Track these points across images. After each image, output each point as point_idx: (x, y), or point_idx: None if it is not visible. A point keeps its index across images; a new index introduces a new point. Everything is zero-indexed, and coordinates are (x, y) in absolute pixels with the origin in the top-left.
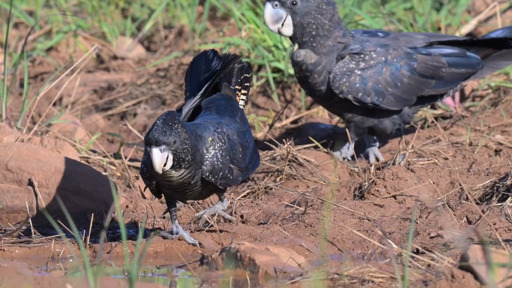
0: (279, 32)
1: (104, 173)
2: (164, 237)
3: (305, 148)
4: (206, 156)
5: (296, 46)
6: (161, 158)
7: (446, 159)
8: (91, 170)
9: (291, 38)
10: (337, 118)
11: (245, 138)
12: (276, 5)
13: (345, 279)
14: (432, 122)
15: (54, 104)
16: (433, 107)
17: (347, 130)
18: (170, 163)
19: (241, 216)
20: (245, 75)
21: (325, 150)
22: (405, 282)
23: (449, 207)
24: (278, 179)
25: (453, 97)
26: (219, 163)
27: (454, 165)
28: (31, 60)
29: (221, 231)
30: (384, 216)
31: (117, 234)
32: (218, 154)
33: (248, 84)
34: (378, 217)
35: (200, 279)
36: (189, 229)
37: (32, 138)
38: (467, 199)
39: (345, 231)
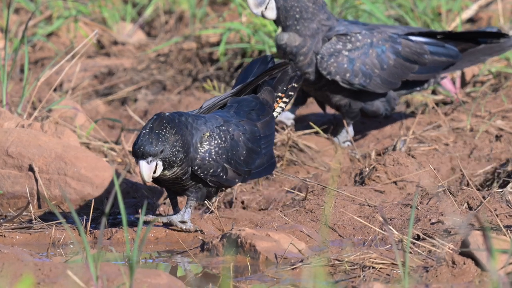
0: (263, 16)
1: (104, 159)
2: (165, 223)
3: (305, 134)
4: (199, 150)
5: (280, 29)
6: (149, 169)
7: (447, 144)
8: (92, 155)
9: (275, 21)
10: None
11: (258, 143)
12: None
13: (346, 265)
14: (433, 107)
15: (55, 90)
16: (433, 93)
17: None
18: (160, 170)
19: (242, 202)
20: (293, 84)
21: (326, 136)
22: (406, 268)
23: (450, 193)
24: (278, 165)
25: (453, 83)
26: (210, 159)
27: (455, 151)
28: (31, 45)
29: (221, 217)
30: (385, 202)
31: (118, 220)
32: (212, 150)
33: (292, 93)
34: (378, 203)
35: (201, 265)
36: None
37: (32, 124)
38: (468, 185)
39: (345, 217)
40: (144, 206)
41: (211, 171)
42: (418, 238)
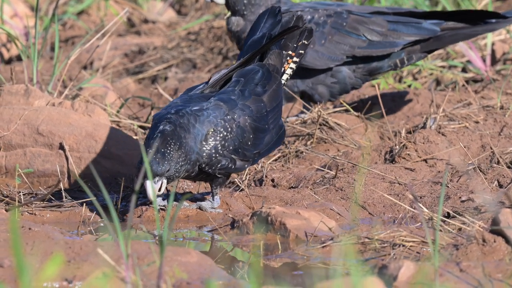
0: (212, 1)
1: (135, 137)
2: (201, 208)
3: (335, 111)
4: (204, 148)
5: (229, 13)
6: (156, 189)
7: (477, 122)
8: (122, 134)
9: (226, 6)
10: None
11: (266, 120)
12: None
13: (376, 243)
14: (463, 85)
15: (85, 68)
16: (464, 70)
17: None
18: (164, 187)
19: (272, 180)
20: (303, 41)
21: (356, 113)
22: (436, 246)
23: (480, 170)
24: (309, 142)
25: (484, 60)
26: (217, 155)
27: (485, 129)
28: (62, 23)
29: (251, 195)
30: (415, 180)
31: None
32: (219, 145)
33: (302, 52)
34: (409, 181)
35: (231, 243)
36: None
37: (63, 102)
38: (498, 162)
39: (376, 195)
40: (174, 184)
41: (219, 165)
42: (448, 216)
